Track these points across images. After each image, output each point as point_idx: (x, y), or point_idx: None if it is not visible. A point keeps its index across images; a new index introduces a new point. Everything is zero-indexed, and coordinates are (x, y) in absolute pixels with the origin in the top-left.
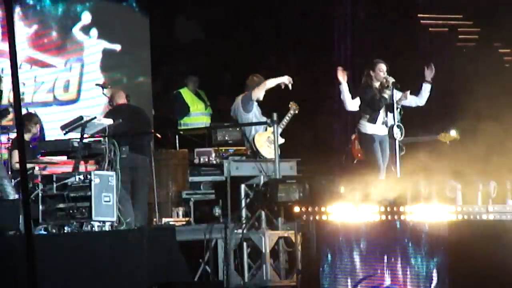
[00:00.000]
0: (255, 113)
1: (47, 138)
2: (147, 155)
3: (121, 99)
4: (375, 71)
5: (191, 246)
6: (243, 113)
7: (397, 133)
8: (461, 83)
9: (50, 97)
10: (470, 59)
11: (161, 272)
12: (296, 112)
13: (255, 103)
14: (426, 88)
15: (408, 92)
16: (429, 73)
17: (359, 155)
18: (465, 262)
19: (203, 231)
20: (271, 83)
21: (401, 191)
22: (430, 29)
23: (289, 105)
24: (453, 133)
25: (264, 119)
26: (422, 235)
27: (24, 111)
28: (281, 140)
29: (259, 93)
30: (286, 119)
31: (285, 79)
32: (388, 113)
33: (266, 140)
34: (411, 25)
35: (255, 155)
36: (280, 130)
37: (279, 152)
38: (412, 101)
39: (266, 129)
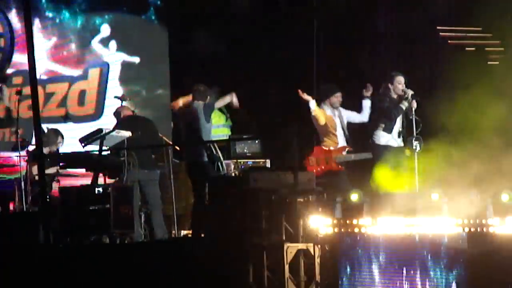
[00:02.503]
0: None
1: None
2: (152, 168)
3: (127, 111)
4: (393, 84)
5: (208, 258)
6: (206, 122)
7: (415, 145)
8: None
9: (62, 112)
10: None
11: (186, 283)
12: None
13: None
14: (367, 104)
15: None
16: (366, 91)
17: (314, 171)
18: (485, 274)
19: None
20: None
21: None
22: (449, 41)
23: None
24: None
25: None
26: (441, 247)
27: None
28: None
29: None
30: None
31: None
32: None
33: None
34: (430, 39)
35: (212, 156)
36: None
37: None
38: (356, 118)
39: None
